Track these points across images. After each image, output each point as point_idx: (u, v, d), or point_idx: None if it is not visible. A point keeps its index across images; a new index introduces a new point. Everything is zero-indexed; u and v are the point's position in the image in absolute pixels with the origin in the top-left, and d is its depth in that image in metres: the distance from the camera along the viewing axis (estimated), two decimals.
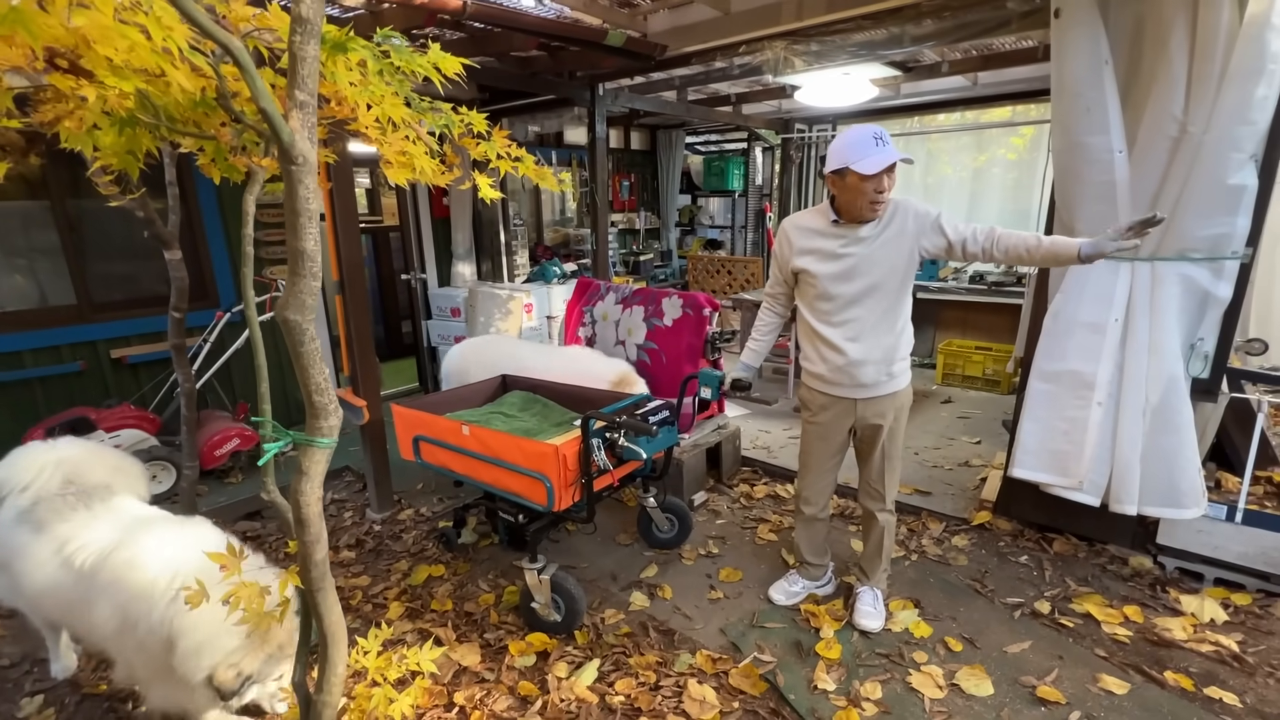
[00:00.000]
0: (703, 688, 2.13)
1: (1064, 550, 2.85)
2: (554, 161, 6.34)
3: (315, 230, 1.03)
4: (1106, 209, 2.42)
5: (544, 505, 2.28)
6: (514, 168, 1.89)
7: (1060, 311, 2.60)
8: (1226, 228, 2.28)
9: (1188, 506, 2.43)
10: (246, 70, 0.90)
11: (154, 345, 3.93)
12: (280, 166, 0.99)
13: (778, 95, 5.63)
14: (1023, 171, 5.93)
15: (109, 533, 1.75)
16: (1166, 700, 2.02)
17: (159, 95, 1.23)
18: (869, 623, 2.39)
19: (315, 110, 1.02)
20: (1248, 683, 2.08)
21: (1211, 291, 2.37)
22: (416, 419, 2.77)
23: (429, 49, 1.33)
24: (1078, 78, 2.36)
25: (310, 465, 1.15)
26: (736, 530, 3.18)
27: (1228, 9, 2.09)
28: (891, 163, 1.96)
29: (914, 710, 2.03)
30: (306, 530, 1.18)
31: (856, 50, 3.60)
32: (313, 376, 1.10)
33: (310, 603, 1.27)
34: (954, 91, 5.41)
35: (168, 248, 2.62)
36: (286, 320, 1.03)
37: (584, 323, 3.99)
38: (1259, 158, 2.23)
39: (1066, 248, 1.93)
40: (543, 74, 4.06)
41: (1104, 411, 2.49)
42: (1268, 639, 2.27)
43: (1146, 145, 2.31)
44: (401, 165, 1.59)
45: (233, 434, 3.72)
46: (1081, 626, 2.38)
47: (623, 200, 7.37)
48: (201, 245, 4.09)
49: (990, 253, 2.04)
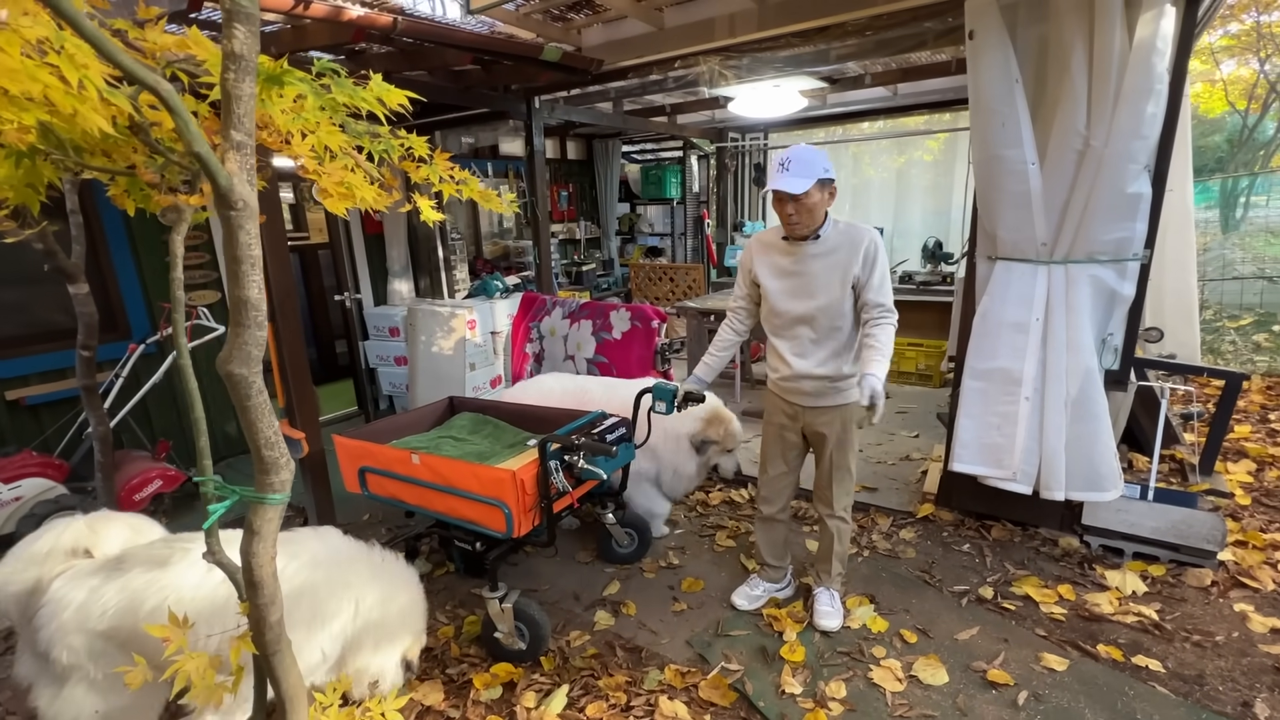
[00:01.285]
0: (674, 704, 2.13)
1: (1001, 536, 3.03)
2: (490, 174, 6.23)
3: (259, 277, 0.97)
4: (1023, 215, 2.60)
5: (503, 532, 2.23)
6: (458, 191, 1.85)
7: (987, 312, 2.77)
8: (1128, 232, 2.49)
9: (1108, 489, 2.63)
10: (178, 113, 0.84)
11: (55, 384, 3.60)
12: (218, 212, 0.93)
13: (711, 106, 5.74)
14: (940, 173, 6.29)
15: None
16: (1101, 672, 2.18)
17: (63, 128, 1.13)
18: (827, 622, 2.46)
19: (253, 151, 0.96)
20: (1168, 649, 2.27)
21: (1118, 290, 2.58)
22: (360, 449, 2.64)
23: (370, 79, 1.27)
24: (992, 94, 2.52)
25: (261, 524, 1.08)
26: (695, 539, 3.21)
27: (1119, 33, 2.28)
28: (772, 189, 2.10)
29: (877, 705, 2.10)
30: (259, 592, 1.10)
31: (785, 65, 3.72)
32: (261, 430, 1.03)
33: (266, 667, 1.19)
34: (876, 101, 5.67)
35: (72, 281, 2.41)
36: (231, 374, 0.97)
37: (531, 339, 3.93)
38: (1151, 168, 2.45)
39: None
40: (477, 87, 3.98)
41: (1031, 405, 2.66)
42: (1181, 606, 2.49)
43: (1056, 158, 2.50)
44: (341, 196, 1.53)
45: (154, 475, 3.44)
46: (1022, 608, 2.53)
47: (561, 210, 7.32)
48: (108, 273, 3.78)
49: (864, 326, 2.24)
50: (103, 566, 1.64)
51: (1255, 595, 2.52)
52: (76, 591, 1.60)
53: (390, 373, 5.21)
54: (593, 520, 3.11)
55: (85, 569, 1.65)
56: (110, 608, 1.56)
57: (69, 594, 1.59)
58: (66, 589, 1.60)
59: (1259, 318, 6.66)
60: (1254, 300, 7.08)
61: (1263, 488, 3.32)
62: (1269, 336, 6.09)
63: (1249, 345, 5.95)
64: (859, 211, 6.77)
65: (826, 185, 2.12)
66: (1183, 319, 4.10)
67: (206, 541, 1.15)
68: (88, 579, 1.62)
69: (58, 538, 1.67)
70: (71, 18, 0.72)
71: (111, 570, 1.63)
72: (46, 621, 1.58)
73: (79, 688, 1.63)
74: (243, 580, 1.12)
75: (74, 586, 1.61)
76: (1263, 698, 2.03)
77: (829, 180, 2.12)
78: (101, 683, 1.59)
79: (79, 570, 1.64)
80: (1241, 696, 2.04)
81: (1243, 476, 3.42)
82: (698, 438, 2.88)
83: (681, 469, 2.94)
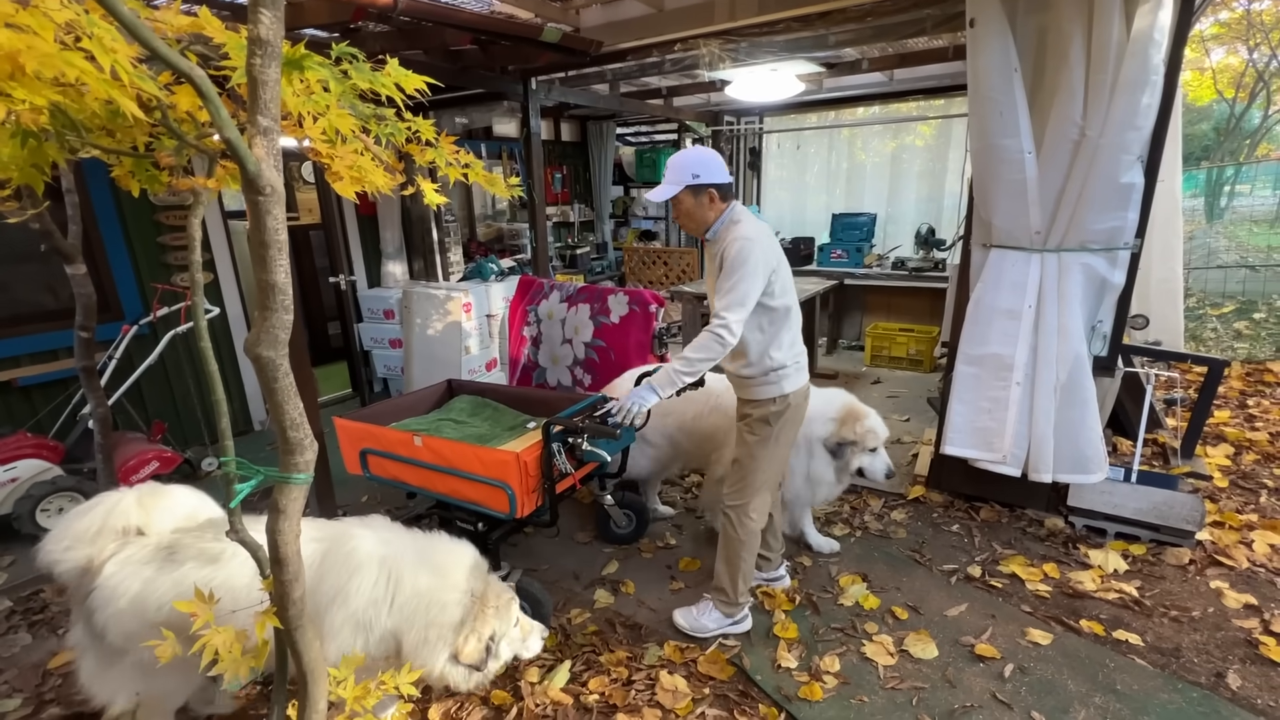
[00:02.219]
0: (674, 678, 2.20)
1: (990, 517, 3.12)
2: (484, 155, 6.17)
3: (286, 262, 0.99)
4: (1018, 204, 2.64)
5: (506, 513, 2.27)
6: (463, 175, 1.86)
7: (981, 299, 2.82)
8: (1119, 221, 2.54)
9: (1093, 472, 2.71)
10: (210, 100, 0.85)
11: (49, 365, 3.57)
12: (245, 197, 0.94)
13: (707, 89, 5.71)
14: (933, 158, 6.32)
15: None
16: (1083, 646, 2.27)
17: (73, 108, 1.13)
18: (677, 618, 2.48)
19: (279, 136, 0.97)
20: (1147, 623, 2.37)
21: (1108, 279, 2.64)
22: (362, 431, 2.66)
23: (386, 64, 1.28)
24: (991, 83, 2.55)
25: (287, 503, 1.10)
26: (691, 519, 3.27)
27: (1117, 25, 2.31)
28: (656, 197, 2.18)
29: (870, 678, 2.18)
30: (285, 569, 1.13)
31: (784, 49, 3.72)
32: (287, 412, 1.06)
33: (288, 641, 1.22)
34: (873, 86, 5.68)
35: (69, 261, 2.39)
36: (259, 357, 0.99)
37: (528, 322, 3.94)
38: (1144, 159, 2.50)
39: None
40: (474, 68, 3.94)
41: (1022, 391, 2.73)
42: (1160, 583, 2.59)
43: (1051, 147, 2.53)
44: (352, 179, 1.53)
45: (150, 456, 3.44)
46: (1009, 586, 2.62)
47: (555, 193, 7.28)
48: (100, 254, 3.73)
49: None
50: (156, 554, 1.64)
51: (1230, 573, 2.62)
52: (132, 582, 1.60)
53: (385, 355, 5.20)
54: (591, 502, 3.16)
55: (138, 556, 1.64)
56: (166, 603, 1.57)
57: (124, 583, 1.59)
58: (121, 577, 1.60)
59: (1240, 305, 6.81)
60: (1236, 288, 7.22)
61: (1240, 470, 3.43)
62: (1249, 324, 6.23)
63: (1230, 332, 6.09)
64: (852, 197, 6.79)
65: (700, 190, 2.11)
66: (1168, 306, 4.20)
67: (230, 520, 1.17)
68: (142, 568, 1.62)
69: (107, 517, 1.66)
70: (110, 3, 0.72)
71: (165, 561, 1.63)
72: (101, 606, 1.59)
73: (128, 670, 1.67)
74: (267, 557, 1.15)
75: (129, 575, 1.61)
76: (1235, 669, 2.13)
77: (702, 185, 2.10)
78: (150, 666, 1.61)
79: (132, 556, 1.64)
80: (1215, 668, 2.14)
81: (1221, 460, 3.53)
82: (832, 440, 2.64)
83: (818, 475, 2.70)
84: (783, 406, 2.24)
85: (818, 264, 6.16)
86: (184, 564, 1.62)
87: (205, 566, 1.61)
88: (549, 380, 3.82)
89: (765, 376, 2.22)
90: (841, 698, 2.10)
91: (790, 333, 2.24)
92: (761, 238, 2.09)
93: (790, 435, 2.34)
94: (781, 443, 2.30)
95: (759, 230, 2.12)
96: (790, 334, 2.24)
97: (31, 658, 2.42)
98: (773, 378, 2.22)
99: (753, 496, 2.30)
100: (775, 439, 2.26)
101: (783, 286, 2.18)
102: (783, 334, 2.21)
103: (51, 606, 2.72)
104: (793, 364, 2.24)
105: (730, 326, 2.03)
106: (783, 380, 2.22)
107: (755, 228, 2.12)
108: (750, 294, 2.05)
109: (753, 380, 2.25)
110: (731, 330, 2.03)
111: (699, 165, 2.11)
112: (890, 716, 2.02)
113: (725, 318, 2.03)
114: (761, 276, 2.06)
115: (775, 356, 2.20)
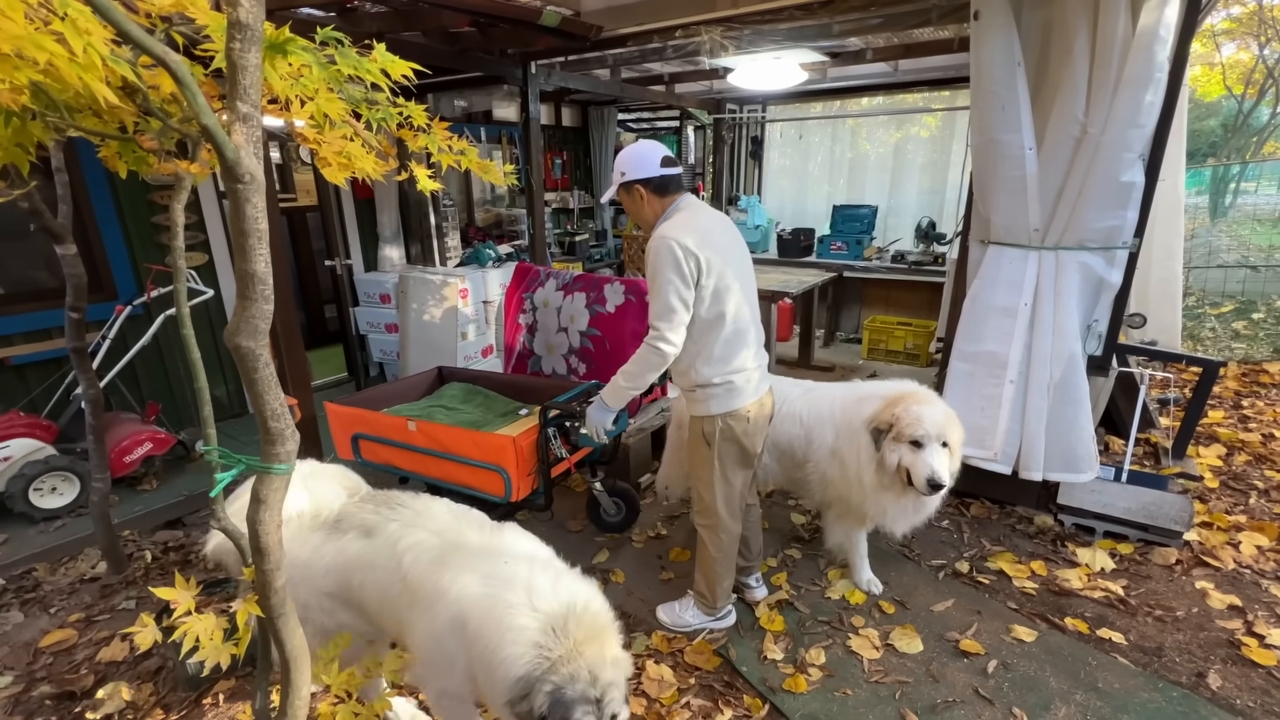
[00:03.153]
0: (660, 667, 2.22)
1: (979, 514, 3.13)
2: (483, 139, 6.11)
3: (266, 251, 0.98)
4: (1018, 200, 2.62)
5: (501, 496, 2.27)
6: (456, 162, 1.84)
7: (978, 296, 2.81)
8: (1119, 220, 2.52)
9: (1084, 471, 2.72)
10: (186, 85, 0.83)
11: (41, 344, 3.55)
12: (224, 185, 0.92)
13: (710, 76, 5.64)
14: (937, 150, 6.26)
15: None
16: (1067, 643, 2.29)
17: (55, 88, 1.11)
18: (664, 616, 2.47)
19: (260, 122, 0.95)
20: (1131, 622, 2.39)
21: (1105, 278, 2.62)
22: (354, 416, 2.67)
23: (373, 49, 1.25)
24: (994, 77, 2.51)
25: (268, 493, 1.10)
26: (683, 510, 3.28)
27: (1123, 20, 2.28)
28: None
29: (854, 671, 2.20)
30: (266, 559, 1.13)
31: (787, 38, 3.67)
32: (268, 402, 1.05)
33: (270, 630, 1.22)
34: (877, 77, 5.61)
35: (60, 242, 2.37)
36: (239, 347, 0.98)
37: (524, 309, 3.93)
38: (1146, 157, 2.47)
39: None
40: (472, 50, 3.89)
41: (1015, 389, 2.73)
42: (1146, 583, 2.61)
43: (1053, 144, 2.51)
44: (341, 165, 1.52)
45: (144, 438, 3.44)
46: (995, 582, 2.63)
47: (555, 179, 7.22)
48: (93, 233, 3.71)
49: None
50: (324, 525, 1.70)
51: (1216, 574, 2.64)
52: (300, 549, 1.65)
53: (381, 340, 5.19)
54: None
55: (307, 525, 1.70)
56: (332, 570, 1.63)
57: (294, 551, 1.61)
58: (290, 546, 1.63)
59: (1239, 305, 6.79)
60: (1236, 288, 7.20)
61: (1231, 471, 3.44)
62: (1248, 324, 6.22)
63: (1228, 332, 6.08)
64: (854, 188, 6.74)
65: (631, 186, 2.01)
66: (1166, 305, 4.19)
67: (213, 509, 1.17)
68: (310, 535, 1.68)
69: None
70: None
71: (331, 531, 1.69)
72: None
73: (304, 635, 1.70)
74: (249, 546, 1.15)
75: (297, 543, 1.66)
76: (1216, 669, 2.14)
77: (631, 182, 2.01)
78: (325, 629, 1.68)
79: (301, 525, 1.70)
80: (1197, 667, 2.16)
81: (1213, 460, 3.54)
82: (870, 423, 2.25)
83: (863, 477, 2.28)
84: (713, 429, 2.06)
85: (817, 255, 6.13)
86: (346, 534, 1.67)
87: (361, 539, 1.65)
88: (544, 368, 3.81)
89: (693, 393, 2.08)
90: (825, 690, 2.12)
91: (725, 346, 1.99)
92: (685, 235, 1.88)
93: (735, 464, 2.13)
94: (725, 468, 2.12)
95: (687, 227, 1.91)
96: (725, 348, 1.99)
97: (23, 636, 2.43)
98: (700, 395, 2.05)
99: (720, 515, 2.19)
100: (717, 460, 2.10)
101: (718, 291, 1.93)
102: (713, 346, 1.99)
103: (44, 585, 2.74)
104: (722, 383, 2.01)
105: (665, 336, 1.91)
106: (710, 400, 2.04)
107: (682, 225, 1.92)
108: (671, 298, 1.89)
109: (684, 391, 2.14)
110: (666, 339, 1.91)
111: (625, 163, 2.02)
112: (873, 710, 2.04)
113: (657, 327, 1.92)
114: (680, 279, 1.88)
115: (702, 371, 2.01)
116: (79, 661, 2.32)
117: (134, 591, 2.71)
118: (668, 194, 2.03)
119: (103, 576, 2.80)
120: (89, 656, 2.33)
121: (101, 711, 2.06)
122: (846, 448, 2.33)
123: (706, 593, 2.34)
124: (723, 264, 1.94)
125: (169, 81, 1.20)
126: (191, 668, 2.09)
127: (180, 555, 3.01)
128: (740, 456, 2.14)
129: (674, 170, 2.02)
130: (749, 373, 2.06)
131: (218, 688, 2.16)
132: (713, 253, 1.92)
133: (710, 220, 2.01)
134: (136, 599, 2.66)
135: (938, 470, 2.10)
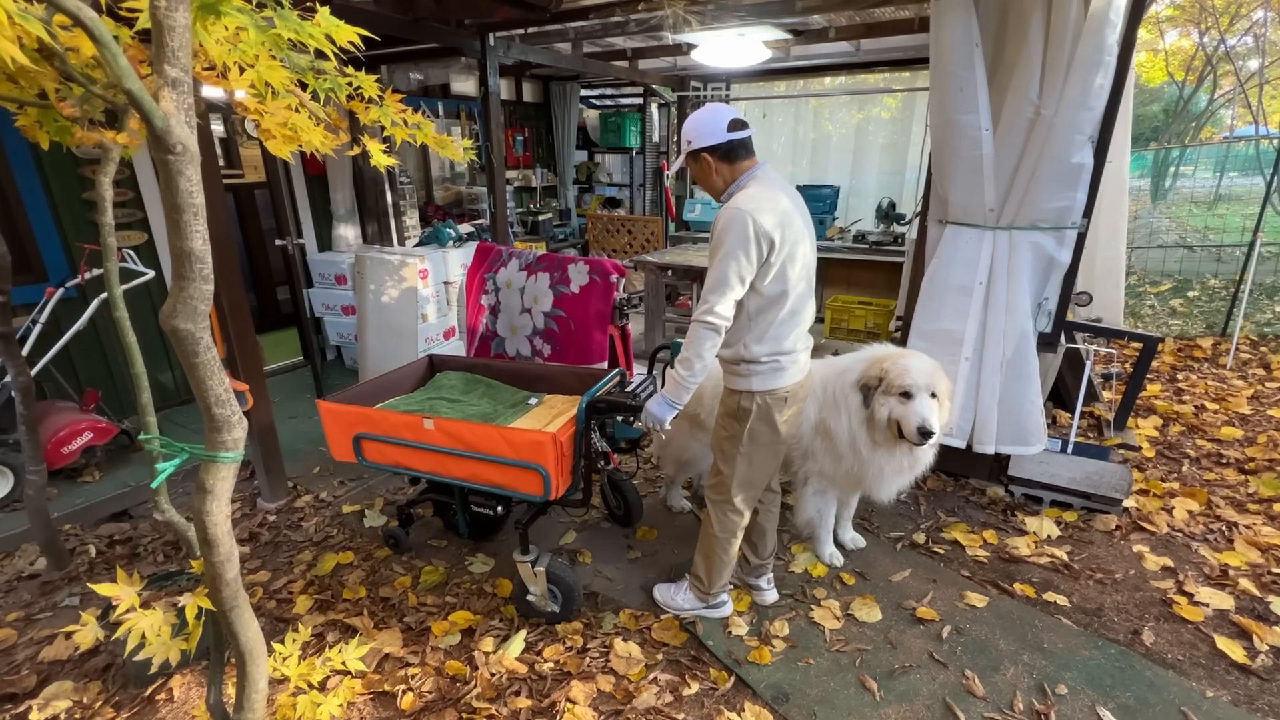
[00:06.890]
0: (628, 645, 2.24)
1: (935, 486, 3.24)
2: (440, 114, 5.92)
3: (202, 227, 0.92)
4: (974, 181, 2.68)
5: (540, 495, 2.16)
6: (411, 136, 1.77)
7: (935, 275, 2.87)
8: (1069, 201, 2.60)
9: (1033, 444, 2.83)
10: (105, 46, 0.76)
11: None
12: (154, 156, 0.86)
13: (674, 52, 5.57)
14: (897, 131, 6.34)
15: None
16: (1015, 608, 2.40)
17: None
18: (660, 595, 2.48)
19: (191, 88, 0.89)
20: (1074, 585, 2.52)
21: (1055, 257, 2.71)
22: (356, 416, 2.41)
23: (316, 12, 1.18)
24: (953, 58, 2.54)
25: (215, 482, 1.05)
26: (649, 490, 3.30)
27: (1075, 3, 2.32)
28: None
29: (816, 641, 2.27)
30: (215, 550, 1.09)
31: (750, 14, 3.64)
32: (211, 388, 1.00)
33: (224, 623, 1.18)
34: (839, 56, 5.62)
35: None
36: (177, 330, 0.92)
37: (486, 290, 3.85)
38: (1095, 139, 2.55)
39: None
40: (427, 20, 3.74)
41: (970, 365, 2.81)
42: (1088, 548, 2.75)
43: (1008, 125, 2.56)
44: (286, 138, 1.44)
45: (83, 427, 3.27)
46: (950, 552, 2.74)
47: (517, 156, 7.06)
48: (17, 209, 3.47)
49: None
50: None
51: (1152, 537, 2.80)
52: None
53: (337, 322, 5.03)
54: None
55: None
56: None
57: None
58: None
59: (1176, 284, 7.14)
60: (1174, 267, 7.56)
61: (1166, 441, 3.64)
62: (1183, 302, 6.55)
63: (1166, 309, 6.39)
64: (817, 168, 6.79)
65: (698, 155, 1.94)
66: (1111, 284, 4.35)
67: (155, 500, 1.12)
68: None
69: None
70: None
71: None
72: None
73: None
74: (196, 538, 1.10)
75: None
76: (1150, 626, 2.28)
77: (696, 151, 1.94)
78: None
79: None
80: (1133, 625, 2.30)
81: (1150, 431, 3.73)
82: (859, 380, 2.28)
83: (847, 438, 2.32)
84: (750, 405, 2.02)
85: None
86: None
87: None
88: (508, 350, 3.75)
89: (736, 366, 2.03)
90: (789, 660, 2.18)
91: (780, 326, 1.95)
92: (765, 214, 1.81)
93: (763, 446, 2.09)
94: (755, 449, 2.08)
95: (770, 206, 1.83)
96: (779, 328, 1.96)
97: None
98: (743, 369, 2.01)
99: (733, 495, 2.14)
100: (747, 440, 2.06)
101: (782, 271, 1.88)
102: (768, 325, 1.95)
103: None
104: (769, 362, 1.98)
105: (715, 311, 1.85)
106: (753, 376, 2.00)
107: (763, 202, 1.84)
108: (731, 275, 1.82)
109: (725, 363, 2.07)
110: (716, 314, 1.85)
111: (691, 130, 1.93)
112: (834, 678, 2.11)
113: (708, 301, 1.86)
114: (745, 258, 1.81)
115: (752, 348, 1.97)
116: (19, 662, 2.21)
117: (77, 588, 2.59)
118: (737, 160, 1.93)
119: (43, 573, 2.67)
120: (30, 656, 2.23)
121: (47, 712, 1.98)
122: (832, 418, 2.35)
123: (703, 576, 2.30)
124: (794, 244, 1.89)
125: (89, 43, 1.11)
126: (140, 664, 2.02)
127: (127, 549, 2.89)
128: (770, 438, 2.09)
129: (743, 134, 1.91)
130: (797, 354, 2.04)
131: (171, 682, 2.10)
132: (789, 234, 1.87)
133: (789, 200, 1.92)
134: (80, 595, 2.55)
135: (928, 417, 2.14)
